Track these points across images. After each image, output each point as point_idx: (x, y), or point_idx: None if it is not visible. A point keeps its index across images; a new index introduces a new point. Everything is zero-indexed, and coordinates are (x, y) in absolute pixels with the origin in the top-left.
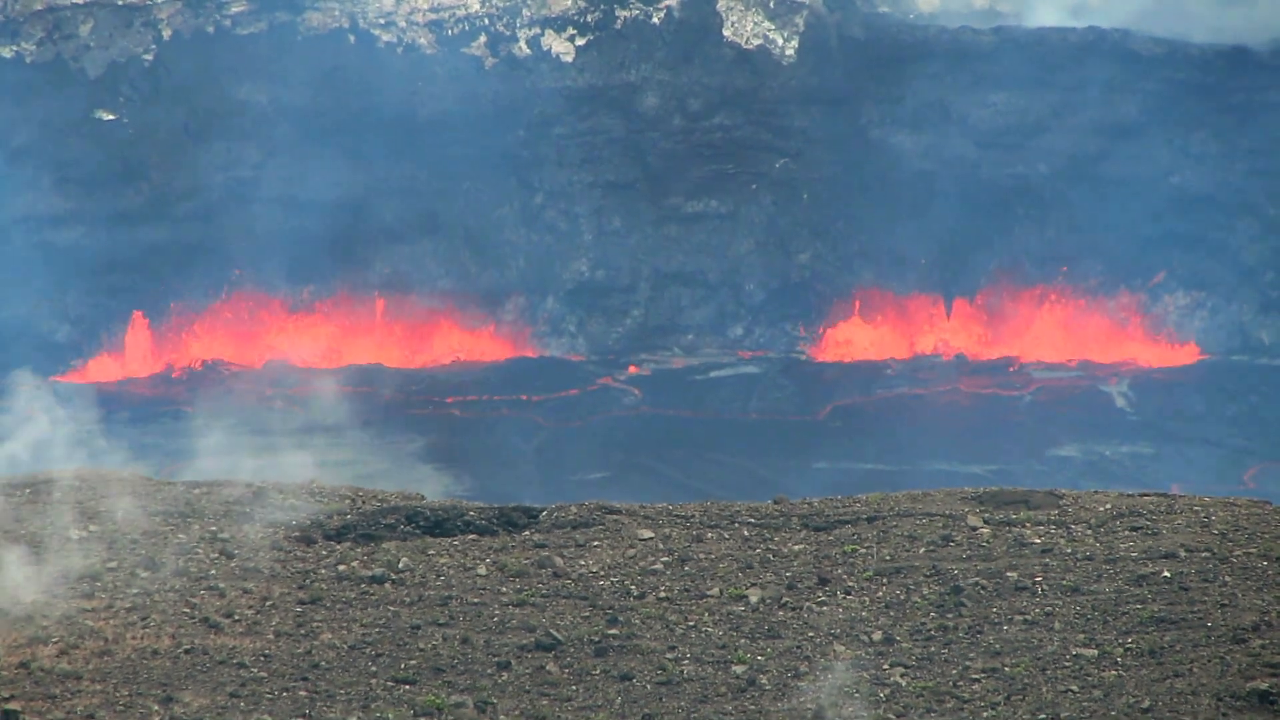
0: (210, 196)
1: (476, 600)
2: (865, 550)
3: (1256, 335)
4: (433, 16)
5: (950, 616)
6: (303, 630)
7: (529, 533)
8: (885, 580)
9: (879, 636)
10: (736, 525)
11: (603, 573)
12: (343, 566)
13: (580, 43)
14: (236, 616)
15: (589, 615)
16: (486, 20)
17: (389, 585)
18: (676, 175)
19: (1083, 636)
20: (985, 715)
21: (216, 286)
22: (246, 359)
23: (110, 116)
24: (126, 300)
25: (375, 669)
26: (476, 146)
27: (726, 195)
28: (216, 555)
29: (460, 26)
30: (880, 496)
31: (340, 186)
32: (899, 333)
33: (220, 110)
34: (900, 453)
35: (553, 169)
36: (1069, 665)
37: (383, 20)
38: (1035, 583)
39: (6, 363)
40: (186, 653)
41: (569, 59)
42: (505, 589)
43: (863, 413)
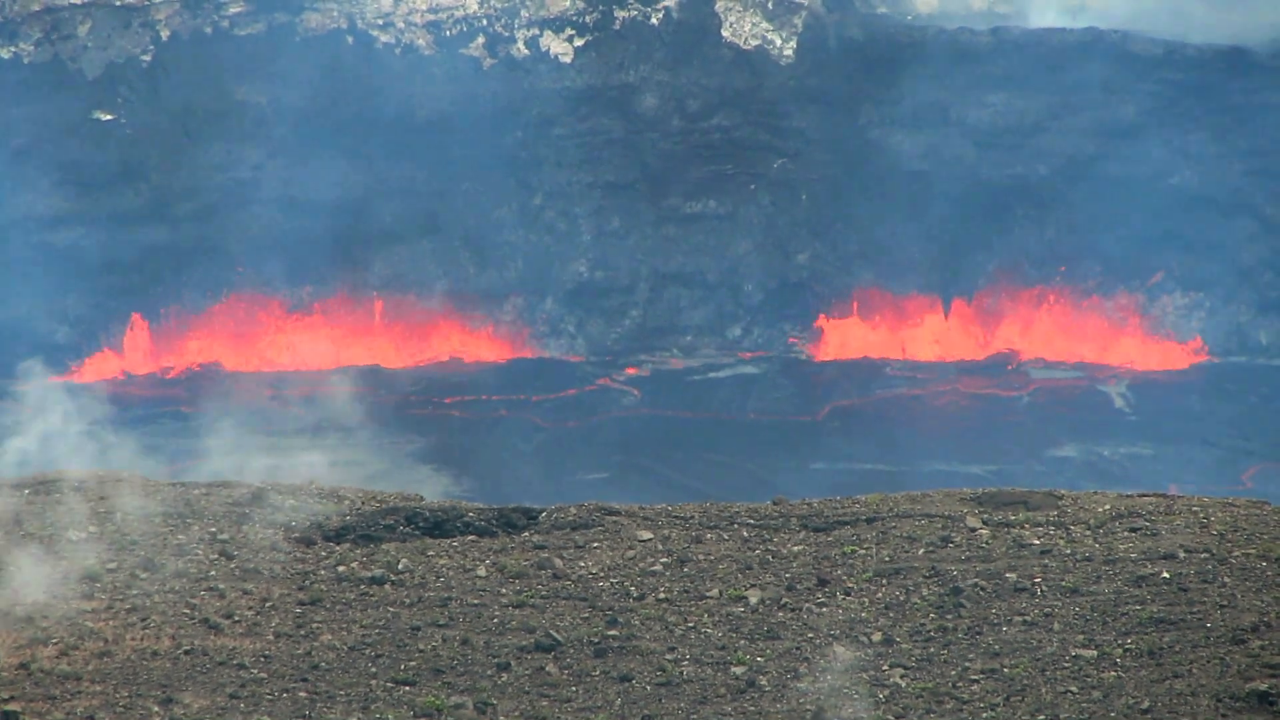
0: (209, 197)
1: (476, 601)
2: (864, 551)
3: (1255, 336)
4: (431, 17)
5: (949, 617)
6: (302, 631)
7: (528, 534)
8: (884, 581)
9: (878, 637)
10: (736, 526)
11: (602, 574)
12: (342, 568)
13: (579, 43)
14: (236, 617)
15: (588, 616)
16: (485, 21)
17: (388, 586)
18: (675, 176)
19: (1082, 637)
20: (984, 716)
21: (215, 287)
22: (245, 360)
23: (109, 117)
24: (125, 301)
25: (375, 670)
26: (475, 147)
27: (725, 196)
28: (216, 556)
29: (459, 27)
30: (879, 497)
31: (339, 187)
32: (897, 333)
33: (219, 111)
34: (899, 453)
35: (551, 170)
36: (1068, 666)
37: (381, 21)
38: (1034, 584)
39: (7, 363)
40: (186, 654)
41: (567, 60)
42: (505, 590)
43: (861, 413)
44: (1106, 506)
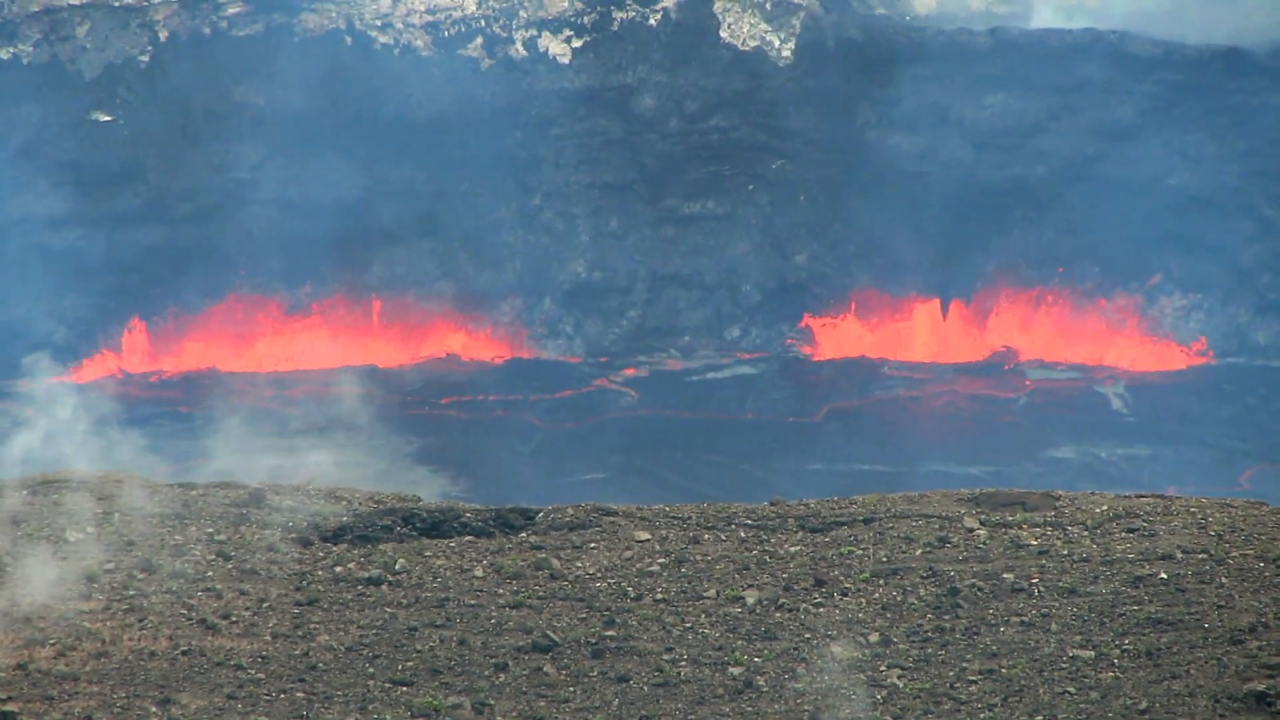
0: (207, 198)
1: (473, 602)
2: (862, 552)
3: (1253, 337)
4: (429, 18)
5: (947, 618)
6: (300, 632)
7: (526, 534)
8: (882, 581)
9: (876, 638)
10: (733, 527)
11: (599, 574)
12: (339, 568)
13: (577, 44)
14: (234, 618)
15: (586, 617)
16: (483, 22)
17: (386, 587)
18: (673, 176)
19: (1079, 638)
20: (982, 717)
21: (214, 288)
22: (244, 361)
23: (107, 118)
24: (124, 301)
25: (372, 670)
26: (474, 148)
27: (723, 196)
28: (214, 557)
29: (457, 28)
30: (877, 498)
31: (338, 188)
32: (895, 334)
33: (217, 112)
34: (896, 454)
35: (550, 170)
36: (1066, 667)
37: (379, 22)
38: (1032, 584)
39: (7, 363)
40: (184, 654)
41: (566, 60)
42: (502, 590)
43: (859, 414)
44: (1104, 507)
